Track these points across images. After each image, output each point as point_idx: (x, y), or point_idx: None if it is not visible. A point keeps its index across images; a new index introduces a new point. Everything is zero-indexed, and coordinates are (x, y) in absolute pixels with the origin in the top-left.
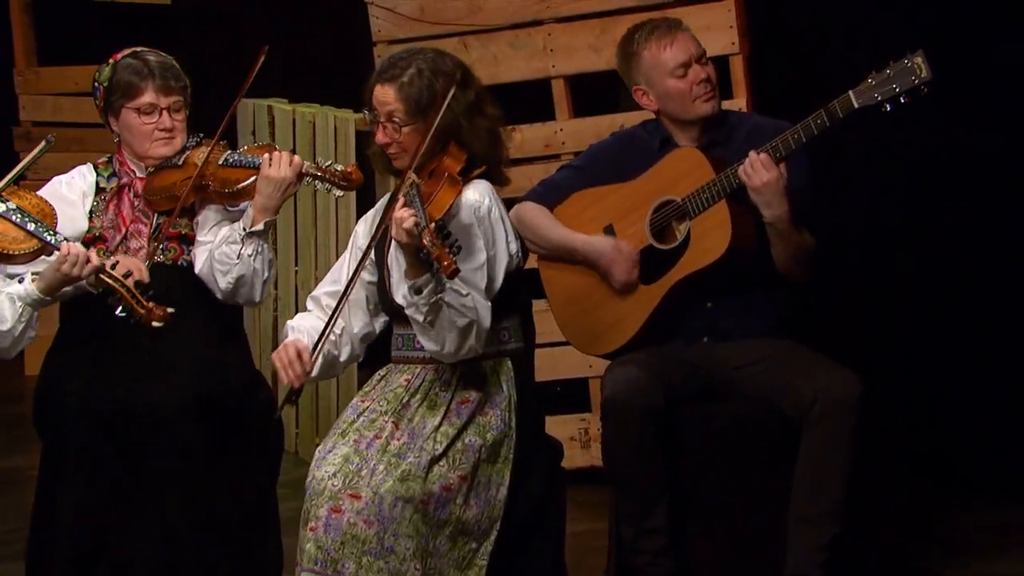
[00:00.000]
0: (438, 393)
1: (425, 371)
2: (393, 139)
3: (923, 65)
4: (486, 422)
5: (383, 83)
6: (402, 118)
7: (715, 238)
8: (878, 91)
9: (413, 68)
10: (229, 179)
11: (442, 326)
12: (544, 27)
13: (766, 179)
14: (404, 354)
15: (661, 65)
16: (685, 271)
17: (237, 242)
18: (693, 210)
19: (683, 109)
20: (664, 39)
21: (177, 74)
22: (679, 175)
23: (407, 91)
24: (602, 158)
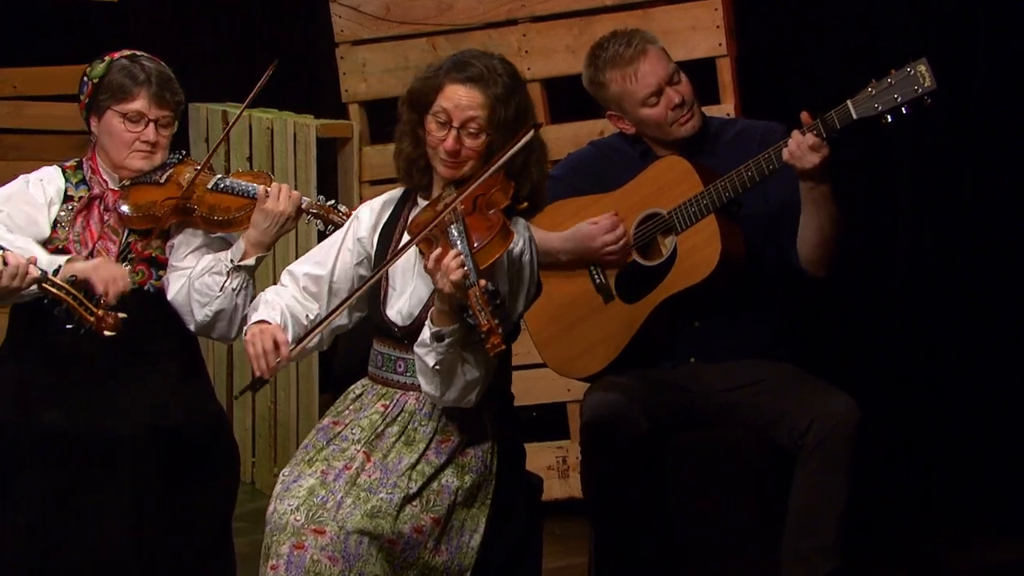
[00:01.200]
0: (417, 428)
1: (405, 398)
2: (465, 147)
3: (927, 74)
4: (466, 463)
5: (468, 84)
6: (483, 126)
7: (704, 255)
8: (878, 101)
9: (495, 72)
10: (219, 206)
11: (451, 376)
12: (518, 27)
13: (816, 162)
14: (383, 375)
15: (630, 96)
16: (671, 290)
17: (222, 274)
18: (680, 224)
19: (661, 133)
20: (628, 68)
21: (174, 88)
22: (665, 186)
23: (496, 98)
24: (581, 167)
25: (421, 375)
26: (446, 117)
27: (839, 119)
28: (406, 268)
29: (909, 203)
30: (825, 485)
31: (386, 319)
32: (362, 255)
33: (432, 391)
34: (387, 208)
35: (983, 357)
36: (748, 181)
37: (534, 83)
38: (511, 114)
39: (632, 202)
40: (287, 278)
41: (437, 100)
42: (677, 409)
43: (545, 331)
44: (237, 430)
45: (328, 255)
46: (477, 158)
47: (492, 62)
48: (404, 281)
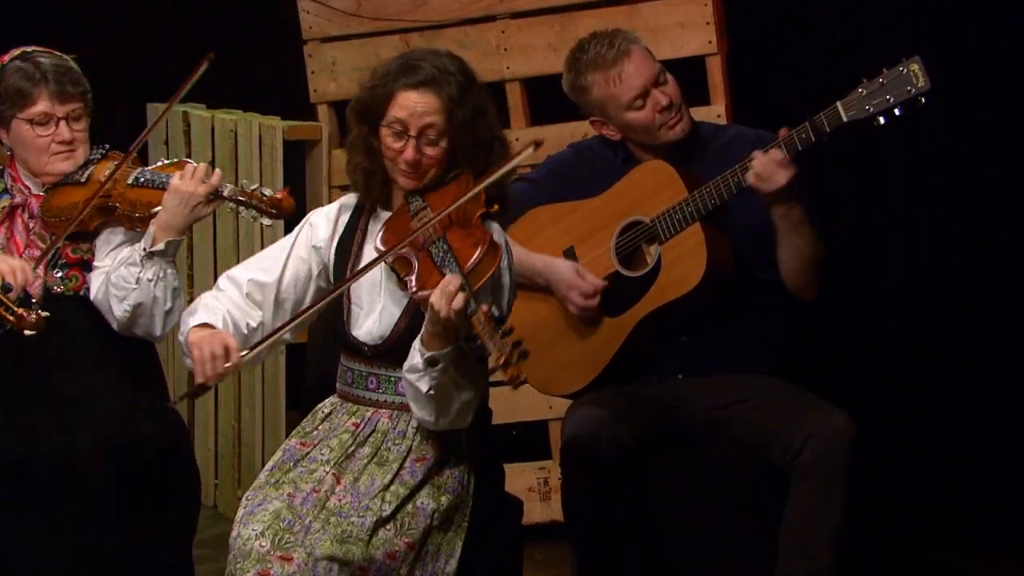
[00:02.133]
0: (390, 448)
1: (377, 416)
2: (425, 156)
3: (920, 73)
4: (442, 483)
5: (420, 89)
6: (442, 131)
7: (689, 265)
8: (870, 102)
9: (446, 72)
10: (140, 201)
11: (446, 400)
12: (497, 23)
13: (784, 182)
14: (354, 392)
15: (614, 100)
16: (656, 302)
17: (136, 264)
18: (664, 233)
19: (648, 137)
20: (611, 70)
21: (75, 78)
22: (648, 192)
23: (451, 99)
24: (561, 171)
25: (413, 401)
26: (401, 127)
27: (828, 122)
28: (372, 285)
29: (903, 205)
30: (821, 505)
31: (353, 339)
32: (319, 265)
33: (426, 416)
34: (343, 215)
35: (985, 366)
36: (735, 187)
37: (513, 83)
38: (468, 113)
39: (614, 209)
40: (227, 283)
41: (389, 110)
42: (663, 427)
43: (526, 346)
44: (198, 450)
45: (276, 262)
46: (438, 166)
47: (441, 61)
48: (371, 299)
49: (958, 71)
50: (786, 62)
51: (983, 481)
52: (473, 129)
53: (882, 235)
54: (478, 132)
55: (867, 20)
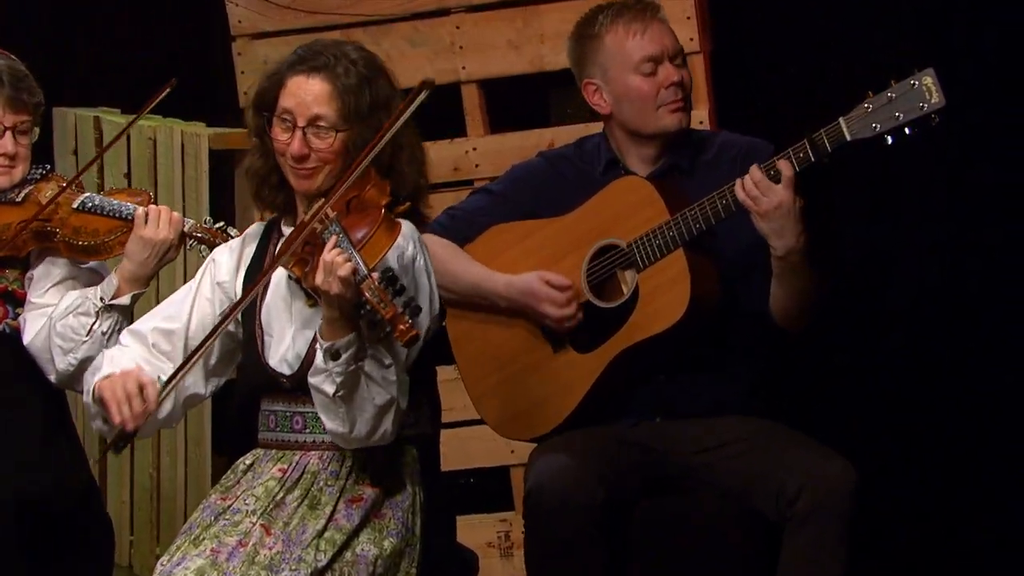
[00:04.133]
0: (322, 488)
1: (306, 459)
2: (314, 150)
3: (934, 88)
4: (383, 526)
5: (308, 73)
6: (333, 122)
7: (670, 297)
8: (877, 119)
9: (345, 59)
10: (84, 229)
11: (357, 403)
12: (451, 18)
13: (777, 201)
14: (278, 437)
15: (625, 55)
16: (632, 338)
17: (90, 315)
18: (642, 260)
19: (643, 117)
20: (634, 24)
21: (31, 87)
22: (624, 211)
23: (344, 87)
24: (527, 184)
25: (323, 411)
26: (290, 117)
27: (830, 140)
28: (281, 309)
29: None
30: (818, 560)
31: (271, 371)
32: (225, 303)
33: (338, 427)
34: (249, 245)
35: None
36: (723, 210)
37: (470, 85)
38: (366, 104)
39: (586, 230)
40: (129, 338)
41: (280, 99)
42: (640, 475)
43: (483, 383)
44: (112, 503)
45: (181, 307)
46: (333, 161)
47: (344, 49)
48: (281, 324)
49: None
50: (778, 62)
51: (1007, 542)
52: (372, 123)
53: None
54: (379, 126)
55: (873, 16)
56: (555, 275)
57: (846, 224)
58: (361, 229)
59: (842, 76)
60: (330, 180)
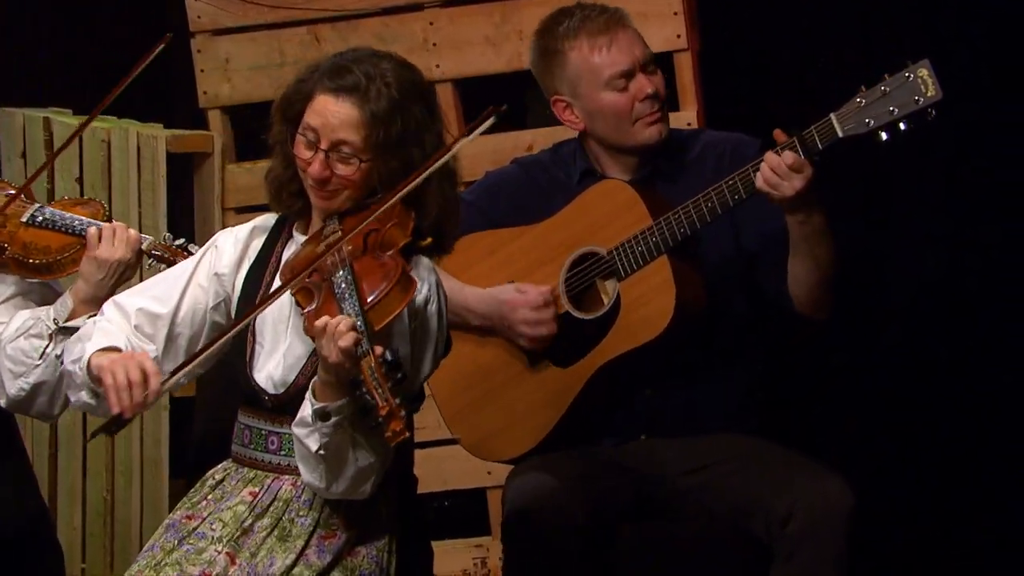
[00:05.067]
0: (294, 519)
1: (278, 484)
2: (336, 175)
3: (930, 80)
4: (355, 565)
5: (340, 96)
6: (357, 150)
7: (655, 306)
8: (870, 114)
9: (379, 80)
10: (35, 245)
11: (339, 464)
12: (424, 13)
13: (800, 187)
14: (251, 454)
15: (593, 72)
16: (615, 350)
17: (43, 337)
18: (624, 268)
19: (619, 132)
20: (600, 37)
21: None
22: (604, 218)
23: (372, 115)
24: (501, 192)
25: (302, 462)
26: (314, 136)
27: (821, 137)
28: (278, 320)
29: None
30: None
31: (252, 385)
32: (220, 295)
33: (315, 481)
34: (256, 239)
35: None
36: (708, 214)
37: (444, 84)
38: (395, 135)
39: (563, 238)
40: (113, 311)
41: (306, 113)
42: (624, 497)
43: (457, 401)
44: (63, 528)
45: (172, 290)
46: (354, 188)
47: (380, 67)
48: (275, 337)
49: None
50: (769, 60)
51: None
52: (400, 154)
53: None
54: (408, 158)
55: (867, 10)
56: (530, 285)
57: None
58: (373, 284)
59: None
60: (350, 203)
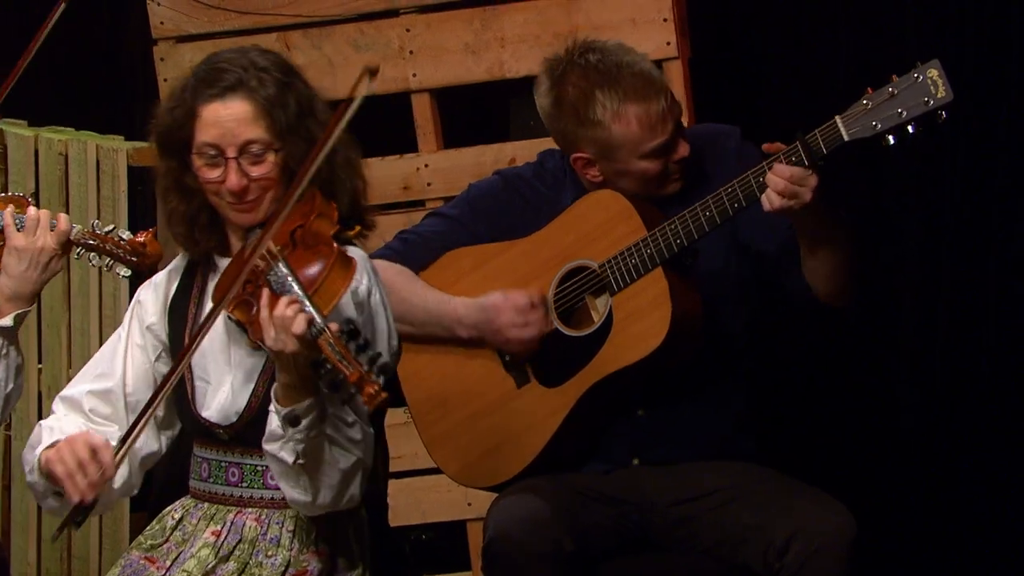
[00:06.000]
0: (262, 562)
1: (241, 519)
2: (254, 180)
3: (940, 81)
4: None
5: (227, 97)
6: (267, 143)
7: (649, 322)
8: (877, 117)
9: (255, 69)
10: None
11: (320, 470)
12: (401, 19)
13: (808, 199)
14: (210, 488)
15: (635, 143)
16: (606, 369)
17: None
18: (617, 281)
19: (643, 190)
20: (647, 110)
21: None
22: (596, 229)
23: (266, 100)
24: (485, 205)
25: (282, 479)
26: (215, 150)
27: (825, 142)
28: (218, 352)
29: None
30: None
31: (204, 422)
32: (157, 347)
33: (300, 496)
34: (174, 279)
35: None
36: (707, 223)
37: (421, 94)
38: (293, 113)
39: (552, 251)
40: (63, 407)
41: (196, 133)
42: (614, 526)
43: (438, 425)
44: (17, 564)
45: (112, 362)
46: (275, 187)
47: (249, 57)
48: (218, 370)
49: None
50: (765, 66)
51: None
52: (302, 132)
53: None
54: (311, 135)
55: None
56: (519, 291)
57: None
58: (311, 269)
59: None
60: (274, 207)
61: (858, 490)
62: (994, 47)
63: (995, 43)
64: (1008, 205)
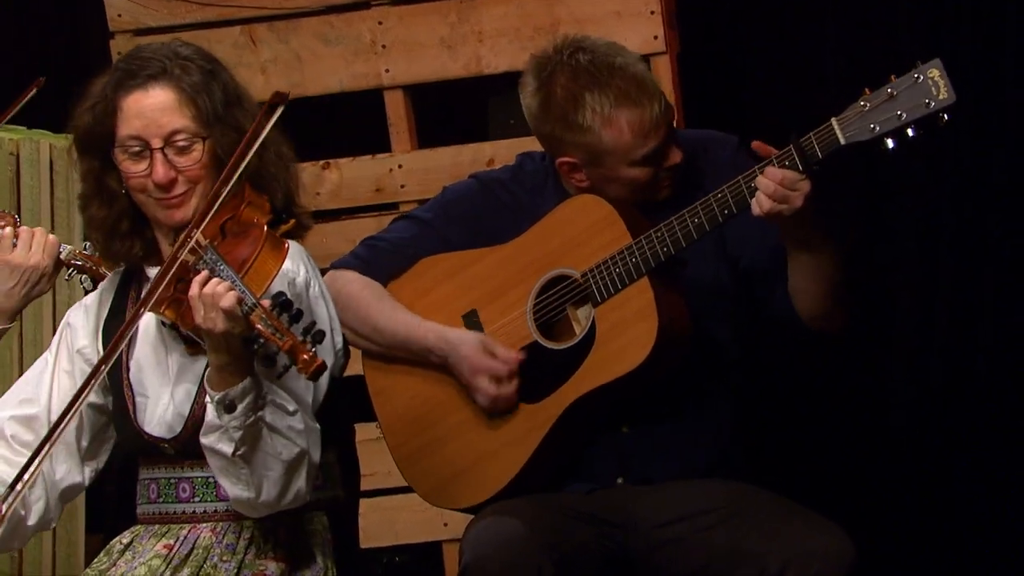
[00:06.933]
0: (216, 565)
1: (195, 533)
2: (182, 171)
3: (942, 82)
4: None
5: (145, 86)
6: (194, 131)
7: (634, 335)
8: (875, 119)
9: (178, 58)
10: None
11: (261, 461)
12: (372, 11)
13: (799, 205)
14: (161, 509)
15: (625, 151)
16: (588, 384)
17: None
18: (600, 292)
19: (632, 196)
20: (639, 116)
21: None
22: (578, 236)
23: (191, 87)
24: (461, 209)
25: (222, 475)
26: (139, 143)
27: (821, 146)
28: (154, 363)
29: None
30: None
31: (148, 438)
32: (86, 373)
33: (243, 492)
34: (107, 299)
35: None
36: (695, 231)
37: (394, 91)
38: (220, 101)
39: (532, 259)
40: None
41: (118, 127)
42: (596, 549)
43: (410, 443)
44: None
45: (38, 387)
46: (204, 178)
47: (171, 47)
48: (157, 382)
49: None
50: (756, 63)
51: None
52: (231, 121)
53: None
54: (239, 123)
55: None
56: (500, 346)
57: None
58: (241, 253)
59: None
60: (203, 203)
61: (856, 508)
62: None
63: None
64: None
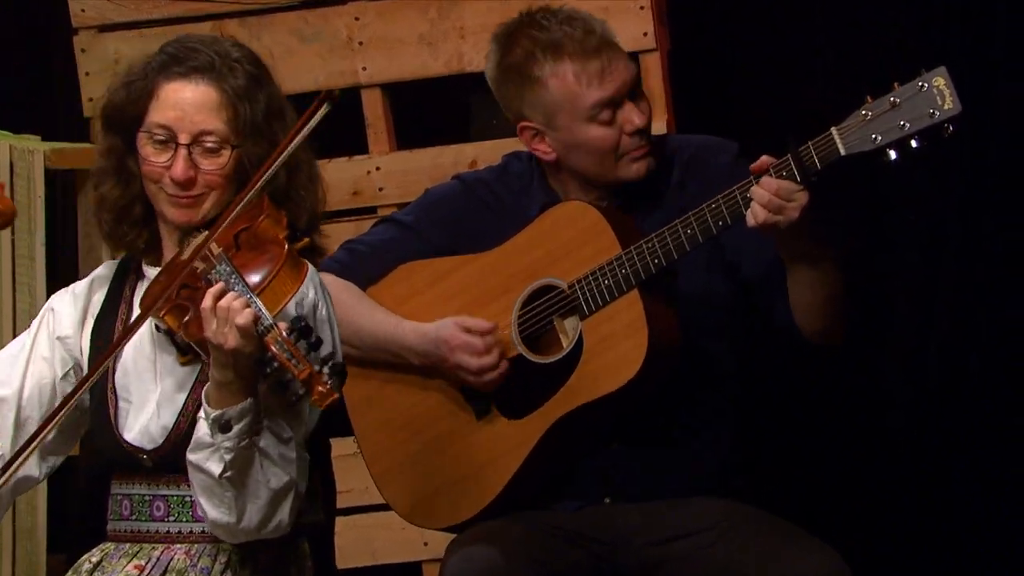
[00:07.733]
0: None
1: (169, 555)
2: (202, 173)
3: (947, 91)
4: None
5: (194, 78)
6: (224, 137)
7: (623, 349)
8: (877, 129)
9: (228, 58)
10: None
11: (249, 487)
12: (349, 7)
13: (795, 217)
14: (133, 527)
15: (576, 103)
16: (575, 400)
17: None
18: (588, 304)
19: (601, 168)
20: (587, 63)
21: None
22: (565, 245)
23: (235, 92)
24: (443, 213)
25: (205, 495)
26: (167, 133)
27: (820, 156)
28: (143, 369)
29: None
30: None
31: (127, 446)
32: (67, 363)
33: (223, 516)
34: (98, 290)
35: None
36: (688, 242)
37: (372, 89)
38: (261, 112)
39: (517, 268)
40: None
41: (150, 111)
42: (583, 569)
43: (389, 458)
44: None
45: (11, 370)
46: (221, 187)
47: (222, 45)
48: (143, 387)
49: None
50: (747, 59)
51: None
52: (267, 133)
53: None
54: (276, 137)
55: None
56: (474, 319)
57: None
58: (259, 269)
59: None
60: (216, 209)
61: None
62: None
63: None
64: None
